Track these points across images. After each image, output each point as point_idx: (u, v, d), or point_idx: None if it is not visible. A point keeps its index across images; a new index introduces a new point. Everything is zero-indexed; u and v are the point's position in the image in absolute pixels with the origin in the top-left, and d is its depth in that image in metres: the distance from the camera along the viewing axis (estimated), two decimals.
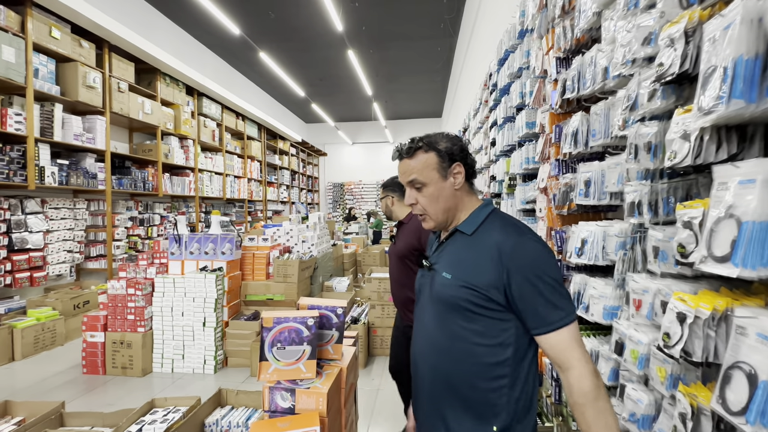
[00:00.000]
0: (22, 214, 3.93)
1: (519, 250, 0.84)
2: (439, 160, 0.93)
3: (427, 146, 0.93)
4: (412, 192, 0.96)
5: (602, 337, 1.29)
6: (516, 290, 0.82)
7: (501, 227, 0.90)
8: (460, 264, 0.90)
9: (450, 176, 0.94)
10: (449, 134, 0.97)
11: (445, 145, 0.94)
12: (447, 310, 0.90)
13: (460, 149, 0.95)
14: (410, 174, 0.94)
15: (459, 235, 0.95)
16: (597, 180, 1.21)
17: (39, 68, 3.97)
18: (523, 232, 0.88)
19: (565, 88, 1.38)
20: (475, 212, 0.96)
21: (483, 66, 4.15)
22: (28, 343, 3.42)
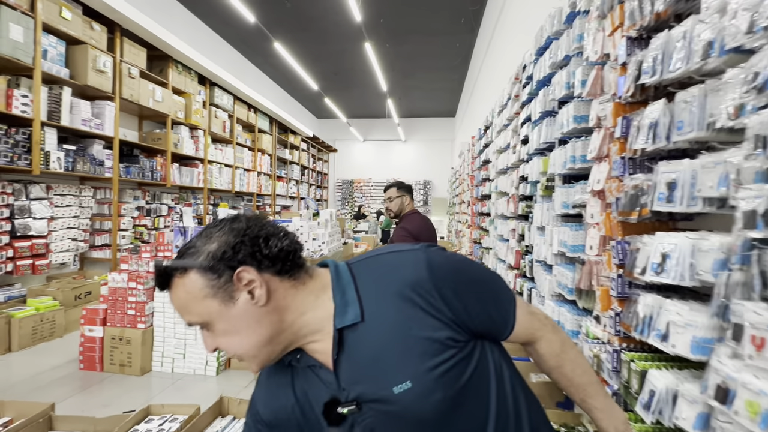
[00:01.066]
0: (26, 200, 3.81)
1: (434, 274, 0.61)
2: (208, 279, 0.57)
3: (180, 268, 0.57)
4: (205, 336, 0.61)
5: (681, 372, 1.07)
6: (472, 318, 0.63)
7: (382, 272, 0.64)
8: (402, 357, 0.58)
9: (240, 293, 0.58)
10: (220, 224, 0.61)
11: (210, 250, 0.58)
12: (444, 418, 0.60)
13: (240, 242, 0.58)
14: (182, 315, 0.60)
15: (349, 333, 0.60)
16: (685, 182, 0.99)
17: (48, 49, 3.84)
18: (403, 253, 0.65)
19: (641, 72, 1.16)
20: (334, 289, 0.63)
21: (509, 60, 3.92)
22: (26, 333, 3.29)
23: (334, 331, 0.61)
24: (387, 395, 0.58)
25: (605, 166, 1.40)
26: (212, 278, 0.57)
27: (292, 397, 0.66)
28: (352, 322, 0.60)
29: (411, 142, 13.30)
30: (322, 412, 0.61)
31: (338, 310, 0.61)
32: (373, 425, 0.60)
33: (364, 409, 0.60)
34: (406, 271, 0.62)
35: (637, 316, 1.16)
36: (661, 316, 1.07)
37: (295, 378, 0.67)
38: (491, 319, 0.66)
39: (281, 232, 0.62)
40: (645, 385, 1.10)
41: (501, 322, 0.68)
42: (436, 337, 0.59)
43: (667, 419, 1.02)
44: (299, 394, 0.66)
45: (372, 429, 0.61)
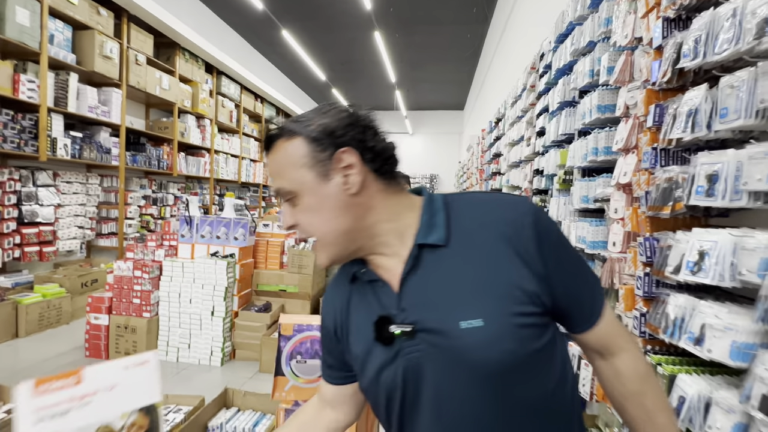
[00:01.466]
0: (33, 187, 3.80)
1: (539, 225, 0.55)
2: (311, 149, 0.55)
3: (288, 131, 0.57)
4: (286, 208, 0.59)
5: (714, 378, 1.01)
6: (560, 285, 0.55)
7: (481, 207, 0.59)
8: (480, 291, 0.53)
9: (335, 174, 0.55)
10: (333, 104, 0.59)
11: (322, 123, 0.56)
12: (505, 377, 0.52)
13: (347, 123, 0.56)
14: (274, 179, 0.59)
15: (427, 253, 0.56)
16: (729, 174, 0.91)
17: (55, 34, 3.79)
18: (519, 199, 0.60)
19: (680, 55, 1.07)
20: (424, 210, 0.59)
21: (524, 50, 3.80)
22: (32, 320, 3.30)
23: (414, 246, 0.57)
24: (450, 327, 0.52)
25: (633, 158, 1.32)
26: (315, 150, 0.56)
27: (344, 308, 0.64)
28: (435, 242, 0.56)
29: (418, 135, 13.16)
30: (374, 324, 0.57)
31: (423, 228, 0.57)
32: (421, 359, 0.54)
33: (417, 338, 0.54)
34: (509, 211, 0.56)
35: (666, 317, 1.09)
36: (694, 318, 0.99)
37: (352, 292, 0.64)
38: (578, 300, 0.58)
39: (386, 134, 0.61)
40: (673, 391, 1.04)
41: (587, 308, 0.58)
42: (524, 285, 0.53)
43: (697, 428, 0.95)
44: (352, 307, 0.63)
45: (418, 365, 0.54)
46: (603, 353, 0.61)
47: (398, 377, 0.56)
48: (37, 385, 0.49)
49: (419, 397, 0.55)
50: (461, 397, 0.53)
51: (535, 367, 0.54)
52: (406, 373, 0.55)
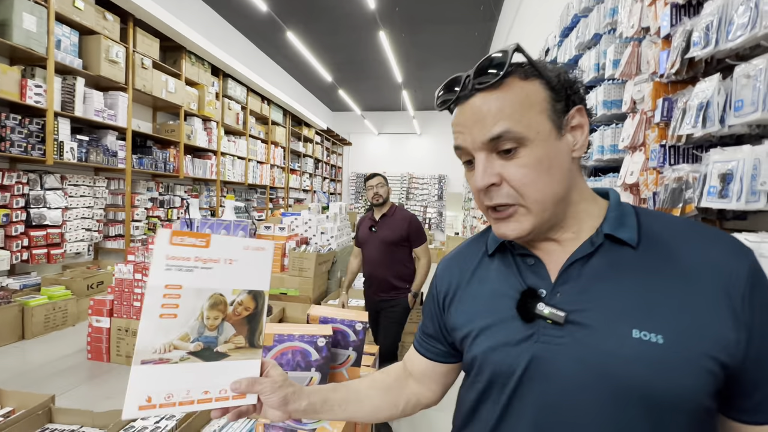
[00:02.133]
0: (41, 190, 3.85)
1: (758, 276, 0.44)
2: (551, 96, 0.48)
3: (528, 66, 0.48)
4: (490, 161, 0.48)
5: None
6: (757, 349, 0.43)
7: (691, 231, 0.48)
8: (671, 308, 0.43)
9: (567, 131, 0.49)
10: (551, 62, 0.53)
11: (559, 73, 0.49)
12: (658, 412, 0.41)
13: (575, 79, 0.51)
14: (494, 121, 0.46)
15: (610, 247, 0.48)
16: (745, 173, 0.82)
17: (61, 39, 3.84)
18: (738, 241, 0.48)
19: (690, 44, 0.98)
20: (612, 207, 0.51)
21: (531, 47, 3.69)
22: (38, 322, 3.33)
23: (596, 234, 0.49)
24: (617, 331, 0.43)
25: (640, 156, 1.23)
26: (554, 97, 0.48)
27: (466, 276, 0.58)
28: (625, 239, 0.47)
29: (426, 136, 13.06)
30: (520, 294, 0.49)
31: (611, 221, 0.50)
32: (558, 352, 0.45)
33: (564, 329, 0.45)
34: (724, 244, 0.46)
35: None
36: None
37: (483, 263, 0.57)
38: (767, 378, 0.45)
39: None
40: None
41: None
42: (723, 327, 0.42)
43: None
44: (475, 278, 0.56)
45: (551, 359, 0.45)
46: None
47: (520, 362, 0.47)
48: (173, 235, 0.51)
49: (536, 396, 0.46)
50: (586, 417, 0.43)
51: (696, 427, 0.43)
52: (533, 362, 0.46)
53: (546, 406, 0.45)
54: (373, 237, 2.39)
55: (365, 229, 2.45)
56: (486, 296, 0.54)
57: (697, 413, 0.42)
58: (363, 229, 2.47)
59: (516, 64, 0.48)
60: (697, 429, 0.43)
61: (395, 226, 2.35)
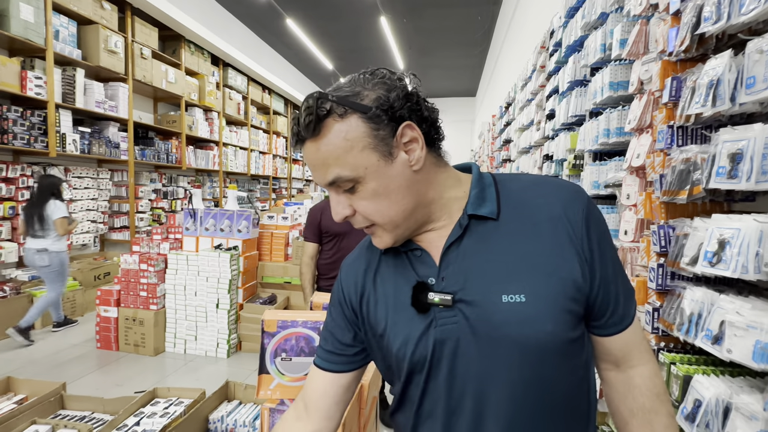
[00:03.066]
0: None
1: (590, 213, 0.54)
2: (370, 127, 0.49)
3: (341, 107, 0.49)
4: (339, 198, 0.54)
5: (735, 380, 0.91)
6: (600, 277, 0.53)
7: (533, 188, 0.57)
8: (527, 268, 0.51)
9: (399, 151, 0.51)
10: (377, 71, 0.53)
11: (376, 95, 0.50)
12: (538, 357, 0.50)
13: (404, 95, 0.51)
14: (325, 168, 0.51)
15: (476, 225, 0.54)
16: (755, 152, 0.80)
17: (59, 30, 3.81)
18: (575, 186, 0.57)
19: (700, 19, 0.95)
20: (474, 185, 0.56)
21: (535, 29, 3.61)
22: (47, 312, 3.38)
23: (462, 216, 0.55)
24: (491, 300, 0.51)
25: (647, 138, 1.20)
26: (375, 128, 0.50)
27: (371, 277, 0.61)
28: (486, 214, 0.54)
29: None
30: (412, 289, 0.55)
31: (472, 200, 0.55)
32: (455, 331, 0.52)
33: (454, 309, 0.52)
34: (562, 193, 0.55)
35: (681, 312, 0.99)
36: (713, 315, 0.90)
37: (381, 262, 0.61)
38: (614, 298, 0.55)
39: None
40: (689, 393, 0.94)
41: (620, 310, 0.56)
42: (572, 270, 0.52)
43: None
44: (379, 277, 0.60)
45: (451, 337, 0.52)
46: (620, 363, 0.58)
47: (428, 348, 0.53)
48: None
49: (446, 371, 0.53)
50: (493, 377, 0.51)
51: (567, 356, 0.52)
52: (437, 345, 0.53)
53: (455, 376, 0.53)
54: (346, 227, 2.01)
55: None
56: (390, 294, 0.58)
57: (564, 345, 0.51)
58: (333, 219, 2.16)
59: (330, 107, 0.49)
60: (569, 355, 0.52)
61: None
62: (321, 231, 2.09)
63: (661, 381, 0.58)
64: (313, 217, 2.10)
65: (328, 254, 2.12)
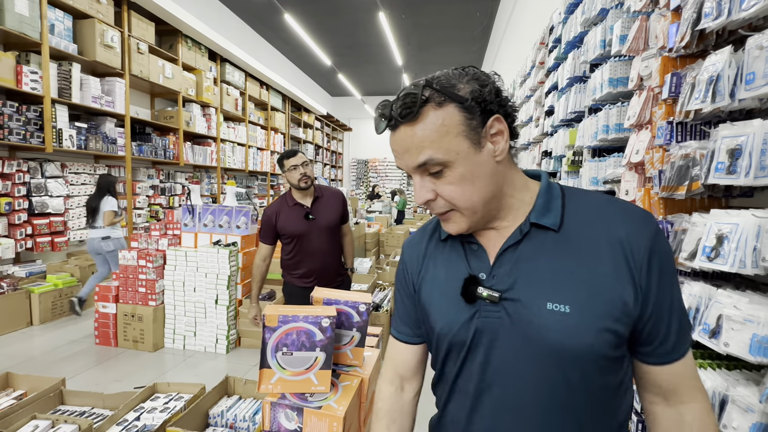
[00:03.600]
0: (41, 178, 3.84)
1: (657, 243, 0.54)
2: (465, 116, 0.53)
3: (440, 95, 0.53)
4: (424, 181, 0.57)
5: (731, 374, 0.92)
6: (653, 305, 0.54)
7: (601, 207, 0.58)
8: (577, 282, 0.53)
9: (486, 141, 0.55)
10: (468, 69, 0.56)
11: (471, 88, 0.54)
12: (570, 365, 0.53)
13: (495, 90, 0.55)
14: (418, 151, 0.54)
15: (536, 233, 0.57)
16: (754, 148, 0.81)
17: (55, 24, 3.77)
18: (644, 213, 0.57)
19: (701, 15, 0.95)
20: (542, 196, 0.59)
21: (534, 26, 3.60)
22: (45, 308, 3.38)
23: (524, 223, 0.58)
24: (536, 305, 0.54)
25: (646, 134, 1.21)
26: (469, 117, 0.54)
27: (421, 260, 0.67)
28: (548, 225, 0.57)
29: None
30: (464, 280, 0.59)
31: (538, 208, 0.58)
32: (496, 325, 0.56)
33: (499, 305, 0.56)
34: (630, 218, 0.56)
35: None
36: (711, 309, 0.91)
37: (436, 248, 0.66)
38: (666, 328, 0.55)
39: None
40: None
41: (672, 340, 0.55)
42: (623, 293, 0.53)
43: None
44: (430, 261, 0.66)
45: (492, 330, 0.57)
46: (669, 397, 0.57)
47: (469, 334, 0.58)
48: None
49: (482, 358, 0.57)
50: (523, 372, 0.55)
51: (600, 372, 0.54)
52: (477, 333, 0.57)
53: (489, 363, 0.57)
54: (312, 225, 2.00)
55: (297, 219, 2.00)
56: (441, 279, 0.63)
57: (599, 360, 0.53)
58: (292, 220, 2.01)
59: (430, 94, 0.53)
60: (602, 371, 0.54)
61: (332, 206, 2.06)
62: (277, 233, 2.06)
63: (714, 421, 0.57)
64: (268, 219, 2.05)
65: (290, 254, 2.10)
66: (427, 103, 0.53)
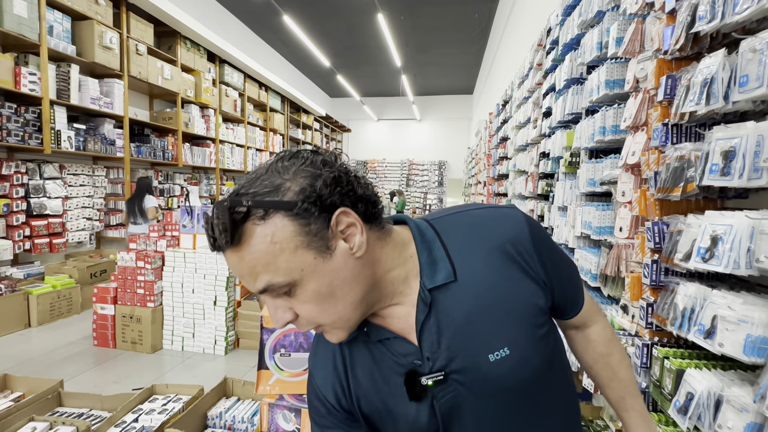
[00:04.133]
0: (40, 179, 3.84)
1: (533, 234, 0.56)
2: (299, 225, 0.44)
3: (257, 210, 0.44)
4: (276, 302, 0.48)
5: (727, 374, 0.93)
6: (557, 287, 0.58)
7: (474, 228, 0.56)
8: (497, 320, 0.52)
9: (337, 241, 0.47)
10: (298, 155, 0.48)
11: (299, 186, 0.45)
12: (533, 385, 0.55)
13: (331, 179, 0.46)
14: (254, 277, 0.45)
15: (438, 294, 0.52)
16: (748, 150, 0.81)
17: (53, 25, 3.77)
18: (506, 210, 0.59)
19: (695, 18, 0.96)
20: (419, 247, 0.54)
21: (533, 27, 3.62)
22: (44, 310, 3.37)
23: (422, 291, 0.52)
24: (480, 363, 0.51)
25: (642, 136, 1.22)
26: (304, 223, 0.44)
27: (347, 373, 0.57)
28: (444, 281, 0.52)
29: (426, 121, 12.94)
30: (405, 384, 0.52)
31: (425, 268, 0.53)
32: (456, 399, 0.53)
33: (448, 381, 0.52)
34: (505, 227, 0.55)
35: (675, 308, 1.01)
36: (705, 310, 0.91)
37: (352, 353, 0.57)
38: (571, 296, 0.63)
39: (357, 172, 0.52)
40: (681, 387, 0.96)
41: (575, 298, 0.64)
42: (535, 300, 0.55)
43: (706, 426, 0.88)
44: (356, 371, 0.56)
45: (454, 406, 0.53)
46: (579, 327, 0.69)
47: (438, 425, 0.54)
48: None
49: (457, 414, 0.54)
50: (500, 415, 0.55)
51: (555, 367, 0.59)
52: (445, 418, 0.54)
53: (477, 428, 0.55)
54: None
55: None
56: (380, 384, 0.55)
57: (552, 361, 0.56)
58: None
59: (247, 210, 0.43)
60: (557, 365, 0.58)
61: None
62: None
63: (610, 330, 0.70)
64: None
65: None
66: (246, 221, 0.43)
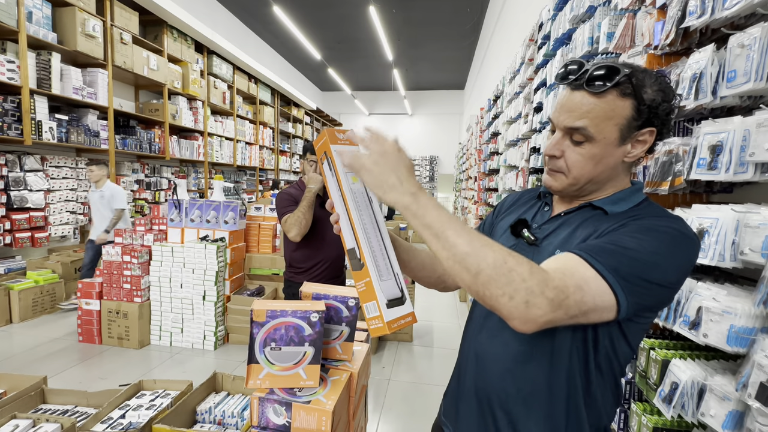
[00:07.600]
0: (20, 171, 3.72)
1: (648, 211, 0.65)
2: (632, 115, 0.60)
3: (629, 86, 0.59)
4: (561, 141, 0.65)
5: (710, 363, 0.95)
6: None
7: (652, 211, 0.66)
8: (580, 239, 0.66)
9: (630, 142, 0.62)
10: (661, 78, 0.62)
11: (652, 95, 0.60)
12: None
13: (668, 108, 0.61)
14: (579, 117, 0.61)
15: (590, 211, 0.68)
16: (734, 144, 0.83)
17: (33, 11, 3.63)
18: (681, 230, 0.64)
19: (685, 13, 0.97)
20: (623, 192, 0.67)
21: (525, 22, 3.62)
22: (26, 306, 3.28)
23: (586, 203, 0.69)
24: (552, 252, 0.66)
25: None
26: (635, 117, 0.60)
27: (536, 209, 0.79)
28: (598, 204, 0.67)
29: (418, 116, 12.91)
30: (516, 220, 0.75)
31: (609, 198, 0.67)
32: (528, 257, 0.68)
33: (531, 248, 0.70)
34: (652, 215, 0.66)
35: None
36: (691, 301, 0.93)
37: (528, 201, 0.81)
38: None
39: None
40: (666, 377, 0.98)
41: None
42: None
43: (690, 415, 0.91)
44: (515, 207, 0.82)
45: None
46: None
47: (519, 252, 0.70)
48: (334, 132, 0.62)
49: None
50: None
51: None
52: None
53: None
54: (325, 214, 1.86)
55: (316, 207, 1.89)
56: (512, 218, 0.78)
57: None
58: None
59: (623, 82, 0.59)
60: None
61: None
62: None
63: None
64: (292, 198, 1.94)
65: (303, 246, 1.96)
66: (617, 87, 0.59)
